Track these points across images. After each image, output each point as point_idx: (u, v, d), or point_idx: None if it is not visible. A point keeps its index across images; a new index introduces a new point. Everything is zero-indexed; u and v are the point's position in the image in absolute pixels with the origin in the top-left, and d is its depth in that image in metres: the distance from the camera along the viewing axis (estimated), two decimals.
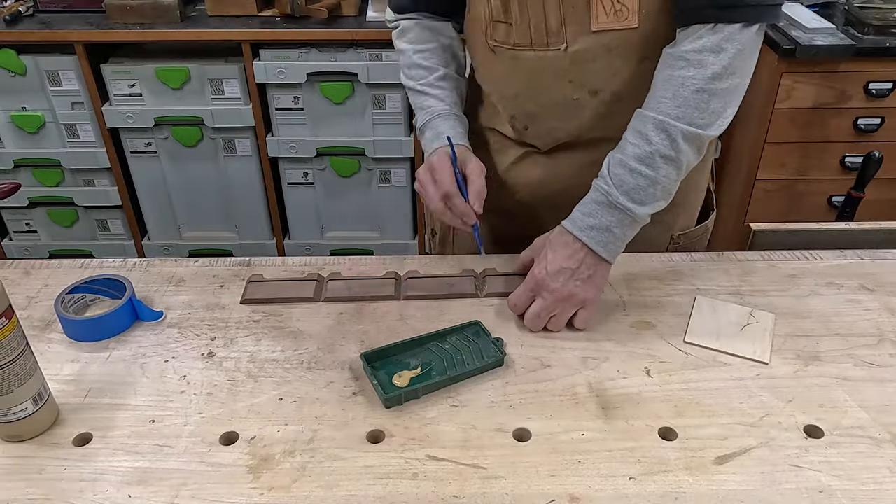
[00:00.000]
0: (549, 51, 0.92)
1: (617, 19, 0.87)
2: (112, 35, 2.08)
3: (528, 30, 0.91)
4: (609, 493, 0.65)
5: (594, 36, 0.89)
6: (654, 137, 0.83)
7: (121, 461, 0.69)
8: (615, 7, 0.86)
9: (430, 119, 1.00)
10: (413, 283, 0.94)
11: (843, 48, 1.92)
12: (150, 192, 2.39)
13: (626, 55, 0.90)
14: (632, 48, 0.89)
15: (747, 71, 0.84)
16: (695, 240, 1.11)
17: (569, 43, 0.90)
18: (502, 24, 0.93)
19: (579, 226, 0.85)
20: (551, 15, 0.89)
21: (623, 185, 0.83)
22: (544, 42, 0.91)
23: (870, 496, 0.65)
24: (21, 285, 0.95)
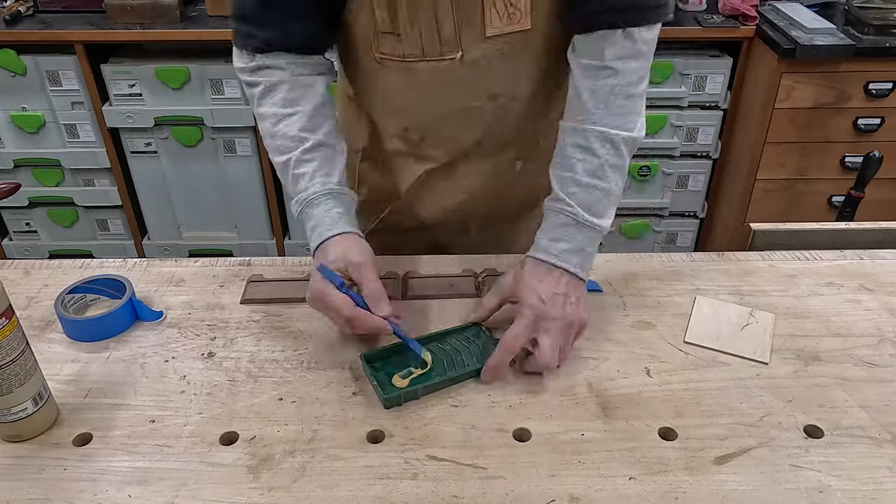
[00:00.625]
0: (444, 60, 0.88)
1: (511, 22, 0.85)
2: (112, 35, 2.08)
3: (419, 40, 0.86)
4: (609, 493, 0.65)
5: (489, 41, 0.87)
6: (599, 150, 0.83)
7: (121, 461, 0.69)
8: (508, 10, 0.85)
9: (303, 209, 0.87)
10: (413, 283, 0.94)
11: (843, 48, 1.92)
12: (150, 192, 2.39)
13: (521, 57, 0.89)
14: (526, 50, 0.89)
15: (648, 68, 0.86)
16: None
17: (464, 51, 0.87)
18: (389, 36, 0.87)
19: (553, 253, 0.83)
20: (445, 24, 0.85)
21: (583, 203, 0.83)
22: (437, 52, 0.87)
23: (870, 496, 0.65)
24: (21, 285, 0.95)
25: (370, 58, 0.91)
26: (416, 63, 0.89)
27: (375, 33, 0.88)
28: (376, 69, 0.92)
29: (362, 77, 0.96)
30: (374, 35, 0.88)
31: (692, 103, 2.21)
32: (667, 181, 2.35)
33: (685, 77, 2.16)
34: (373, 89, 0.96)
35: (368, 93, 0.98)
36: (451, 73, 0.89)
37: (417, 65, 0.89)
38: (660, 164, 2.31)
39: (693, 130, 2.25)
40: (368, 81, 0.96)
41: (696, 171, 2.34)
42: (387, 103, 0.97)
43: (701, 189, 2.38)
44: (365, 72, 0.94)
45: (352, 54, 0.94)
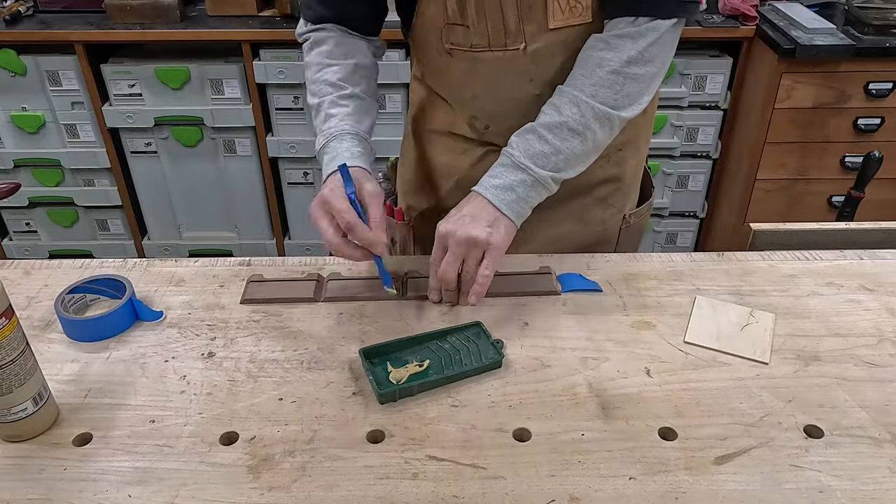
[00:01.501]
0: (509, 51, 0.92)
1: (572, 15, 0.89)
2: (112, 35, 2.08)
3: (486, 31, 0.91)
4: (609, 493, 0.65)
5: (552, 33, 0.90)
6: (565, 110, 0.88)
7: (121, 461, 0.69)
8: (570, 4, 0.88)
9: (327, 142, 0.93)
10: (414, 283, 0.94)
11: (843, 48, 1.92)
12: (150, 192, 2.39)
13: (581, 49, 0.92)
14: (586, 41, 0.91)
15: (663, 61, 0.90)
16: (641, 218, 1.15)
17: (528, 42, 0.91)
18: (459, 27, 0.93)
19: (485, 185, 0.88)
20: (509, 15, 0.90)
21: (529, 149, 0.88)
22: (503, 42, 0.92)
23: (870, 496, 0.65)
24: (21, 285, 0.95)
25: (441, 48, 0.96)
26: (483, 53, 0.94)
27: (446, 24, 0.93)
28: (447, 59, 0.97)
29: (435, 66, 1.02)
30: (444, 26, 0.94)
31: (692, 103, 2.21)
32: (667, 181, 2.35)
33: (685, 77, 2.16)
34: (444, 78, 1.02)
35: (440, 81, 1.03)
36: (515, 63, 0.93)
37: (483, 54, 0.94)
38: (660, 164, 2.31)
39: (693, 130, 2.25)
40: (440, 71, 1.01)
41: (696, 171, 2.34)
42: (456, 91, 1.02)
43: (701, 189, 2.38)
44: (436, 62, 1.00)
45: (425, 45, 0.99)
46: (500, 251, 0.86)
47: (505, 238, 0.86)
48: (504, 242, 0.87)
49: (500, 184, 0.87)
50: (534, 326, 0.86)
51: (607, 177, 1.06)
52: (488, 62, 0.94)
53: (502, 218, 0.87)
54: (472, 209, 0.87)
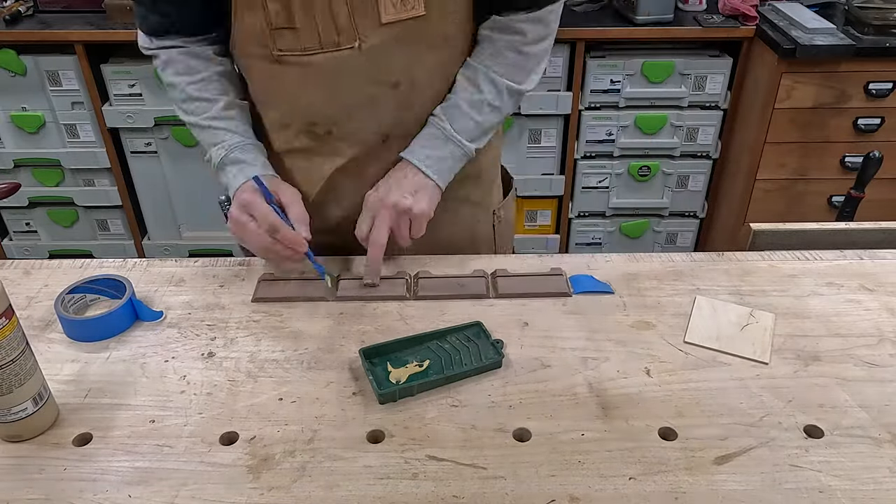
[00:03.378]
0: (343, 50, 0.89)
1: (405, 8, 0.88)
2: (112, 35, 2.08)
3: (317, 31, 0.88)
4: (609, 493, 0.65)
5: (385, 28, 0.88)
6: (484, 88, 0.95)
7: (121, 461, 0.69)
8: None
9: (227, 154, 0.94)
10: (424, 283, 0.94)
11: (843, 48, 1.92)
12: (150, 192, 2.39)
13: (418, 44, 0.91)
14: (423, 36, 0.91)
15: (554, 35, 0.97)
16: (509, 211, 1.18)
17: (361, 39, 0.88)
18: (287, 31, 0.88)
19: (418, 156, 0.95)
20: (339, 12, 0.86)
21: (456, 123, 0.95)
22: (335, 42, 0.88)
23: (870, 496, 0.65)
24: (21, 285, 0.95)
25: (268, 57, 0.91)
26: (315, 55, 0.90)
27: (271, 30, 0.88)
28: (277, 68, 0.92)
29: (262, 79, 0.96)
30: (269, 32, 0.89)
31: (692, 103, 2.21)
32: (667, 181, 2.35)
33: (685, 77, 2.16)
34: (276, 89, 0.96)
35: (271, 93, 0.98)
36: (350, 62, 0.90)
37: (316, 57, 0.90)
38: (660, 164, 2.31)
39: (693, 130, 2.25)
40: (270, 82, 0.96)
41: (696, 171, 2.33)
42: (291, 100, 0.96)
43: (701, 189, 2.38)
44: (264, 73, 0.95)
45: (248, 58, 0.94)
46: (425, 218, 0.94)
47: (428, 205, 0.94)
48: (428, 209, 0.94)
49: (433, 154, 0.95)
50: (534, 326, 0.86)
51: (462, 174, 1.01)
52: (323, 64, 0.90)
53: (429, 184, 0.94)
54: (397, 178, 0.94)
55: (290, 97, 0.96)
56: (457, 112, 0.95)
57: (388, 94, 0.93)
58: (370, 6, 0.86)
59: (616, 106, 2.20)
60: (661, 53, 2.15)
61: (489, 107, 0.95)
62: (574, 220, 2.44)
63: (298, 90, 0.94)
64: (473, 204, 1.09)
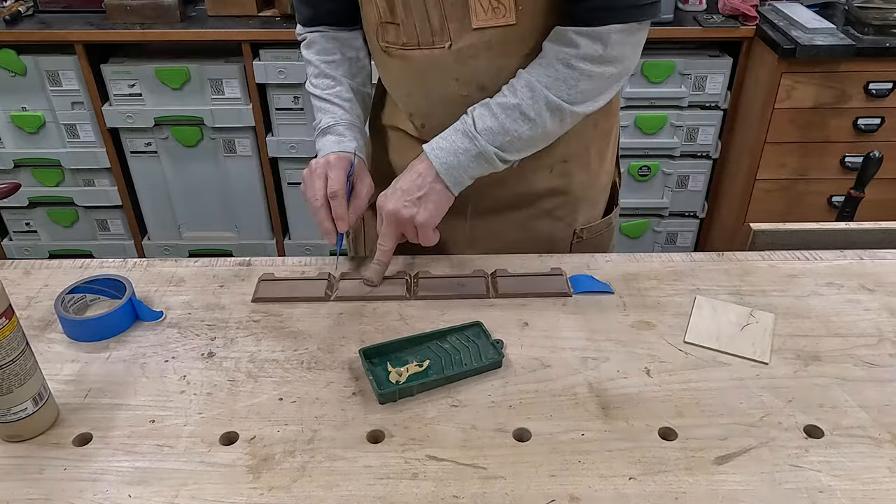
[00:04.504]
0: (435, 49, 0.93)
1: (495, 16, 0.89)
2: (112, 35, 2.08)
3: (414, 29, 0.93)
4: (609, 493, 0.65)
5: (476, 33, 0.91)
6: (521, 94, 0.90)
7: (121, 461, 0.69)
8: (492, 4, 0.89)
9: (336, 125, 1.01)
10: (424, 283, 0.94)
11: (843, 48, 1.92)
12: (150, 192, 2.39)
13: (507, 51, 0.92)
14: (513, 44, 0.92)
15: (626, 63, 0.91)
16: (599, 234, 1.14)
17: (452, 41, 0.92)
18: (391, 25, 0.94)
19: (432, 144, 0.93)
20: (433, 13, 0.90)
21: (480, 121, 0.91)
22: (430, 41, 0.93)
23: (870, 496, 0.65)
24: (21, 285, 0.95)
25: (377, 47, 1.00)
26: (412, 51, 0.95)
27: (380, 23, 0.96)
28: (385, 57, 1.00)
29: (377, 63, 1.05)
30: (379, 24, 0.96)
31: (692, 103, 2.21)
32: (667, 181, 2.35)
33: (685, 77, 2.16)
34: (385, 75, 1.05)
35: (384, 78, 1.07)
36: (442, 61, 0.94)
37: (413, 52, 0.95)
38: (660, 164, 2.31)
39: (693, 130, 2.25)
40: (381, 68, 1.04)
41: (696, 171, 2.34)
42: (395, 88, 1.05)
43: (701, 189, 2.38)
44: (378, 59, 1.03)
45: (371, 46, 1.03)
46: (429, 227, 0.92)
47: (432, 214, 0.91)
48: (431, 219, 0.92)
49: (445, 146, 0.92)
50: (534, 326, 0.86)
51: (551, 188, 1.05)
52: (418, 60, 0.95)
53: (436, 185, 0.91)
54: (406, 180, 0.92)
55: (394, 86, 1.04)
56: (486, 111, 0.91)
57: (475, 95, 0.95)
58: (462, 11, 0.89)
59: None
60: (661, 53, 2.15)
61: (521, 114, 0.90)
62: None
63: (401, 81, 1.02)
64: (555, 218, 1.08)
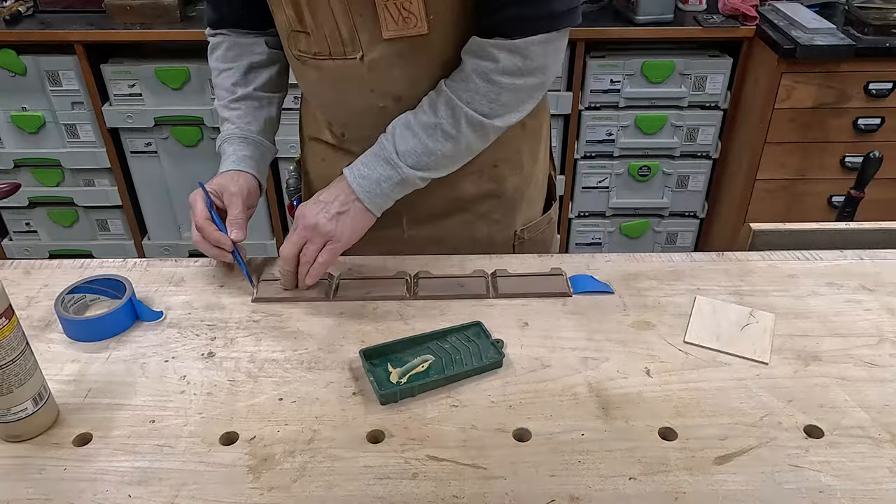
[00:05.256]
0: (347, 59, 0.91)
1: (406, 26, 0.87)
2: (112, 35, 2.08)
3: (325, 39, 0.91)
4: (609, 493, 0.65)
5: (387, 43, 0.89)
6: (441, 112, 0.89)
7: (121, 461, 0.69)
8: (402, 14, 0.86)
9: (220, 144, 1.02)
10: (424, 283, 0.94)
11: (843, 48, 1.92)
12: (150, 192, 2.39)
13: (420, 62, 0.91)
14: (426, 54, 0.90)
15: (548, 72, 0.90)
16: (540, 232, 1.14)
17: (364, 51, 0.90)
18: (302, 34, 0.92)
19: (354, 173, 0.91)
20: (342, 24, 0.88)
21: (402, 143, 0.90)
22: (341, 51, 0.91)
23: (870, 496, 0.65)
24: (21, 285, 0.95)
25: (291, 55, 0.97)
26: (325, 61, 0.93)
27: (291, 31, 0.93)
28: (300, 66, 0.98)
29: (294, 71, 1.02)
30: (290, 33, 0.94)
31: (692, 103, 2.21)
32: (667, 181, 2.35)
33: (685, 77, 2.16)
34: (301, 83, 1.03)
35: (301, 85, 1.05)
36: (354, 72, 0.93)
37: (326, 62, 0.93)
38: (660, 164, 2.31)
39: (693, 130, 2.25)
40: (297, 75, 1.02)
41: (696, 171, 2.34)
42: (312, 97, 1.04)
43: (701, 189, 2.38)
44: (293, 66, 1.01)
45: (286, 54, 1.00)
46: (341, 245, 0.90)
47: (350, 232, 0.90)
48: (348, 237, 0.90)
49: (367, 174, 0.90)
50: (534, 326, 0.86)
51: (483, 192, 1.05)
52: (331, 71, 0.93)
53: (357, 206, 0.90)
54: (329, 195, 0.91)
55: (313, 95, 1.03)
56: (406, 132, 0.90)
57: (391, 106, 0.94)
58: (371, 21, 0.87)
59: (616, 106, 2.20)
60: (661, 53, 2.15)
61: (442, 132, 0.89)
62: (574, 220, 2.44)
63: (318, 90, 1.00)
64: (493, 221, 1.08)
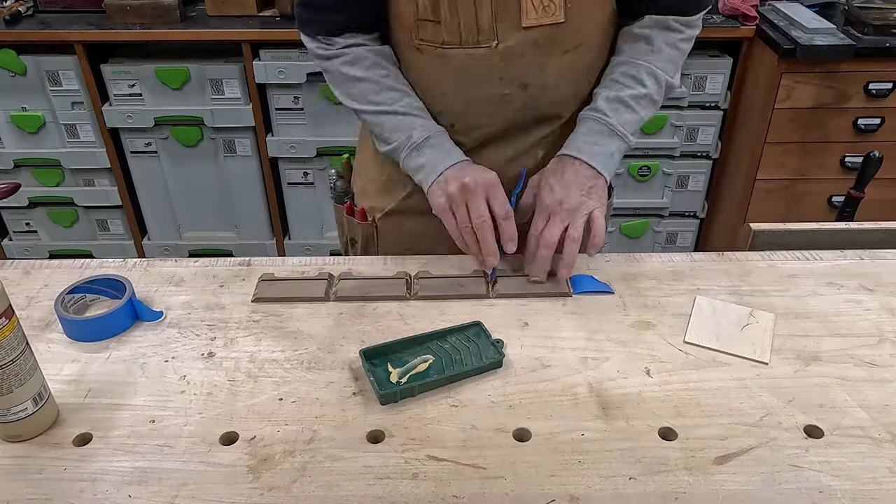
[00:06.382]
0: (480, 48, 0.93)
1: (546, 15, 0.90)
2: (112, 35, 2.08)
3: (458, 28, 0.92)
4: (609, 493, 0.65)
5: (524, 32, 0.91)
6: (647, 83, 0.97)
7: (121, 461, 0.69)
8: (543, 3, 0.90)
9: (430, 137, 0.97)
10: (424, 283, 0.94)
11: (843, 48, 1.92)
12: (150, 192, 2.39)
13: (551, 49, 0.94)
14: (557, 42, 0.93)
15: None
16: None
17: (499, 40, 0.92)
18: (430, 23, 0.93)
19: (585, 152, 0.95)
20: (483, 13, 0.90)
21: (617, 117, 0.96)
22: (475, 40, 0.92)
23: (870, 496, 0.65)
24: (21, 285, 0.95)
25: (410, 45, 0.97)
26: (453, 50, 0.94)
27: (416, 20, 0.93)
28: (416, 56, 0.98)
29: (405, 65, 1.01)
30: (415, 22, 0.94)
31: (692, 103, 2.21)
32: (667, 181, 2.35)
33: (685, 77, 2.16)
34: (412, 75, 1.01)
35: (412, 77, 1.02)
36: (485, 61, 0.94)
37: (454, 51, 0.94)
38: (660, 164, 2.31)
39: (693, 130, 2.25)
40: (409, 68, 1.01)
41: (696, 171, 2.34)
42: (422, 89, 1.01)
43: (701, 189, 2.38)
44: (405, 59, 1.00)
45: (397, 43, 1.00)
46: (602, 206, 0.94)
47: (602, 197, 0.94)
48: (602, 200, 0.94)
49: (601, 150, 0.95)
50: (534, 326, 0.86)
51: None
52: (459, 59, 0.94)
53: (600, 179, 0.95)
54: (573, 178, 0.93)
55: (423, 87, 1.00)
56: (621, 107, 0.96)
57: (516, 94, 0.96)
58: (513, 10, 0.90)
59: None
60: None
61: (650, 101, 0.98)
62: None
63: (431, 81, 0.99)
64: None
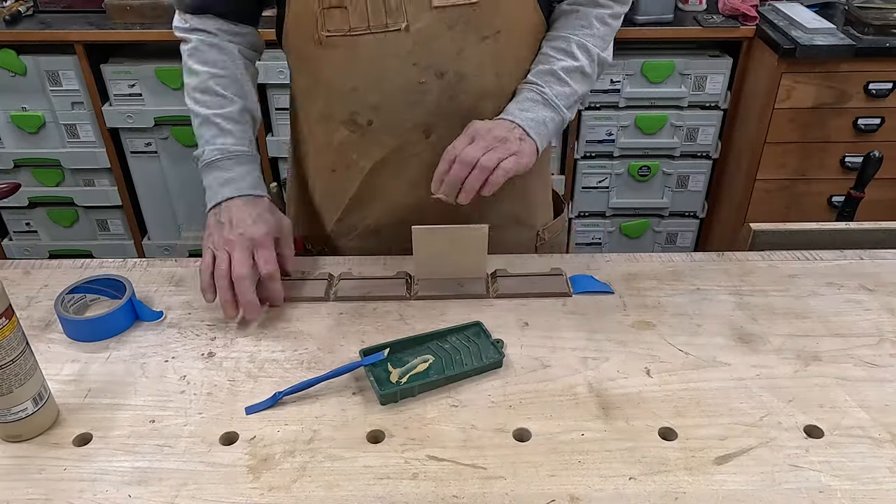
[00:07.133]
0: (390, 32, 0.89)
1: None
2: (112, 35, 2.08)
3: (366, 11, 0.88)
4: (609, 493, 0.65)
5: (435, 12, 0.88)
6: (580, 56, 0.96)
7: (121, 461, 0.69)
8: None
9: (224, 159, 0.94)
10: (424, 283, 0.94)
11: (843, 48, 1.92)
12: (150, 192, 2.39)
13: (467, 32, 0.90)
14: (473, 25, 0.90)
15: None
16: (558, 233, 1.16)
17: (409, 21, 0.88)
18: (336, 10, 0.89)
19: (519, 116, 0.92)
20: None
21: (550, 88, 0.94)
22: (383, 23, 0.89)
23: (870, 496, 0.65)
24: (21, 285, 0.95)
25: (314, 41, 0.92)
26: (362, 37, 0.90)
27: (321, 10, 0.90)
28: (319, 52, 0.93)
29: (308, 66, 0.97)
30: (319, 12, 0.90)
31: (692, 103, 2.21)
32: (667, 181, 2.35)
33: (685, 77, 2.16)
34: (321, 75, 0.96)
35: (315, 81, 0.97)
36: (396, 45, 0.90)
37: (363, 38, 0.90)
38: (660, 164, 2.31)
39: (693, 130, 2.25)
40: (316, 68, 0.96)
41: (696, 171, 2.34)
42: (334, 87, 0.96)
43: (701, 189, 2.38)
44: (310, 60, 0.95)
45: (296, 45, 0.95)
46: (527, 161, 0.90)
47: (530, 155, 0.91)
48: (530, 158, 0.90)
49: (534, 117, 0.92)
50: (534, 326, 0.86)
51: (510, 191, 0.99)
52: (369, 47, 0.90)
53: (530, 142, 0.91)
54: (502, 128, 0.90)
55: (334, 83, 0.95)
56: (552, 78, 0.94)
57: (433, 83, 0.92)
58: None
59: (616, 106, 2.20)
60: (661, 53, 2.15)
61: (582, 74, 0.96)
62: (574, 220, 2.44)
63: (343, 75, 0.94)
64: (517, 222, 1.08)
